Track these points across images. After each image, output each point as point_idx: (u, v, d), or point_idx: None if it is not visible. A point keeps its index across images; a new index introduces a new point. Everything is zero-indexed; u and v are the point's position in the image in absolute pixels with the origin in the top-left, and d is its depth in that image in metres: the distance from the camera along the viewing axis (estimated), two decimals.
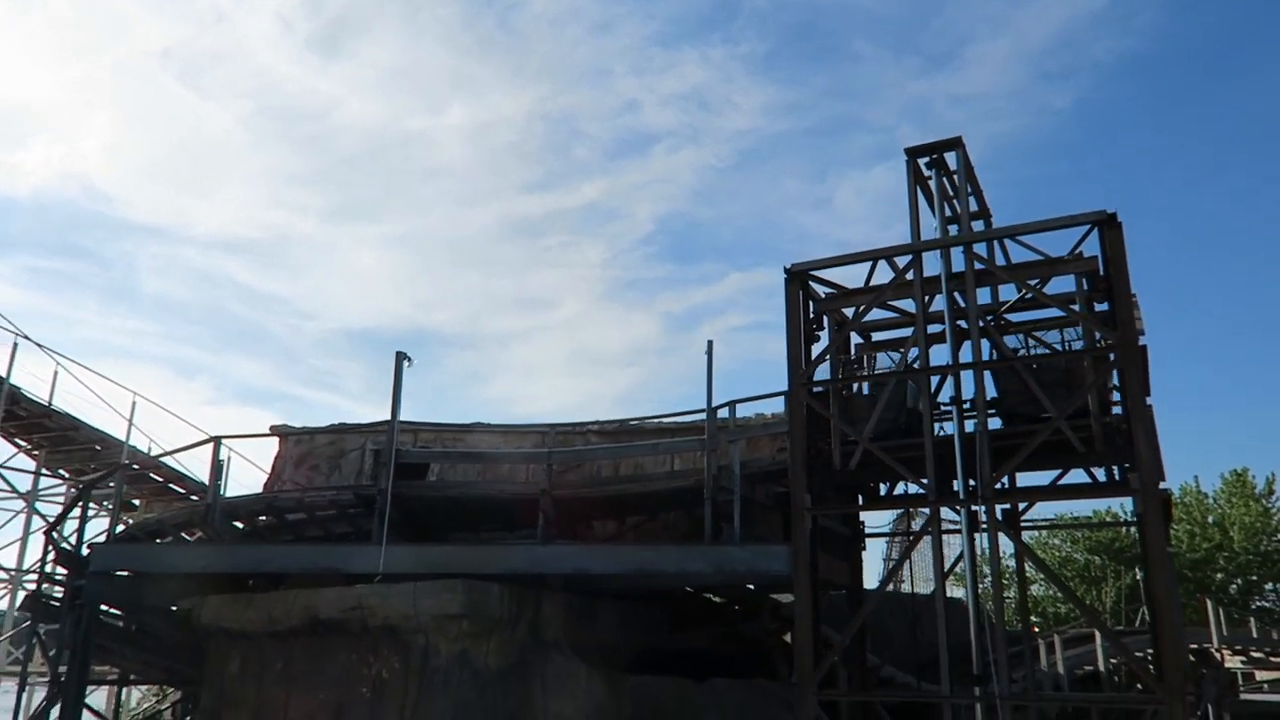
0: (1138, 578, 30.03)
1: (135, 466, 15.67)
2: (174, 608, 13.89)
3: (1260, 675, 21.78)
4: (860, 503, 12.54)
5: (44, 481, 18.13)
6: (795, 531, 11.03)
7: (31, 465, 18.14)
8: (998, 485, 10.54)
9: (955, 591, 20.58)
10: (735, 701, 12.97)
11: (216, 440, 12.40)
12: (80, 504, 13.47)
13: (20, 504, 17.33)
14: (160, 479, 18.61)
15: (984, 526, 10.56)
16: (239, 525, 13.13)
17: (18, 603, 16.99)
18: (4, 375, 15.61)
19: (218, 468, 12.34)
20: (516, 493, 12.26)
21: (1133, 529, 28.62)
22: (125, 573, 13.00)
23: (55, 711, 13.22)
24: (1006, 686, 9.82)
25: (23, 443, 18.81)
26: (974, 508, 10.52)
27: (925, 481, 10.60)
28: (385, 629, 11.64)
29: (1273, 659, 21.06)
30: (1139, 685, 19.93)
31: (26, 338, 16.75)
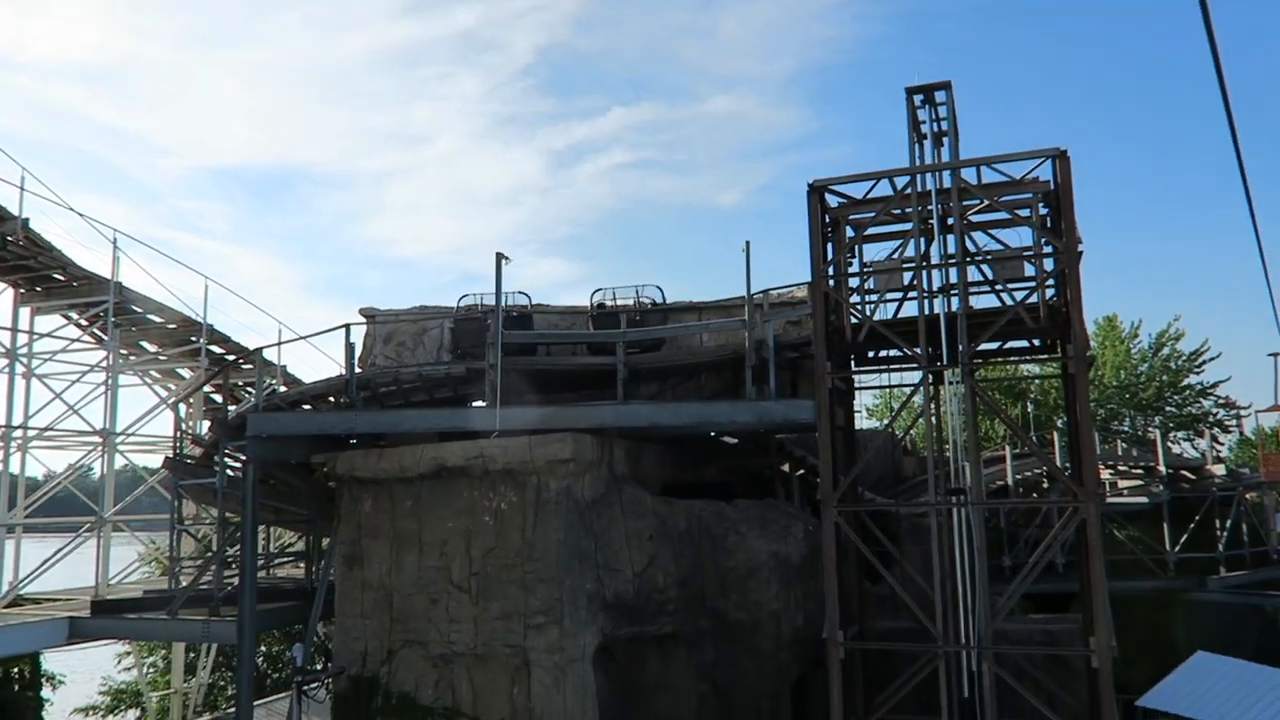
0: (1027, 410, 35.57)
1: (271, 367, 17.96)
2: (293, 461, 16.85)
3: (1121, 484, 27.52)
4: (854, 366, 16.30)
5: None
6: (818, 389, 14.66)
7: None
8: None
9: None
10: (756, 516, 16.90)
11: (346, 327, 15.17)
12: (221, 380, 16.01)
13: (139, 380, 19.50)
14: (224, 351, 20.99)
15: (952, 382, 14.50)
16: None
17: (116, 464, 19.48)
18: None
19: (350, 349, 15.10)
20: (596, 365, 15.46)
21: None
22: (265, 435, 15.75)
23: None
24: (979, 494, 13.92)
25: (83, 321, 20.75)
26: (950, 368, 14.32)
27: (918, 350, 14.30)
28: (504, 472, 14.97)
29: (1133, 471, 26.75)
30: (1034, 494, 25.11)
31: (120, 232, 18.60)
